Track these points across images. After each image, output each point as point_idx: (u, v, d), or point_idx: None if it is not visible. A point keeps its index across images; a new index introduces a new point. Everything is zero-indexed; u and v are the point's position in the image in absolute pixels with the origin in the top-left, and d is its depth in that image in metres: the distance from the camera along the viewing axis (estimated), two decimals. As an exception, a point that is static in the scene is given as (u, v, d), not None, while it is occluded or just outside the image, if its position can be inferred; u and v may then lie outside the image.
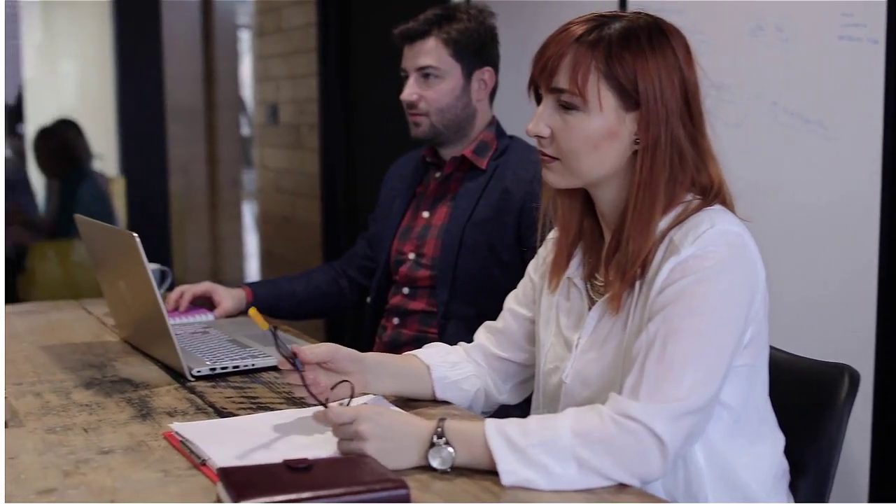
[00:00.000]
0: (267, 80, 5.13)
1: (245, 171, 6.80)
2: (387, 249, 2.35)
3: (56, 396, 1.75)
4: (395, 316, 2.31)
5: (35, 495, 1.30)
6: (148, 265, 1.77)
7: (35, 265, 5.14)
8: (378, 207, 2.48)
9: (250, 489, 1.21)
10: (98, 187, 5.28)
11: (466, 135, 2.28)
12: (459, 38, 2.21)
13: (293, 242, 4.90)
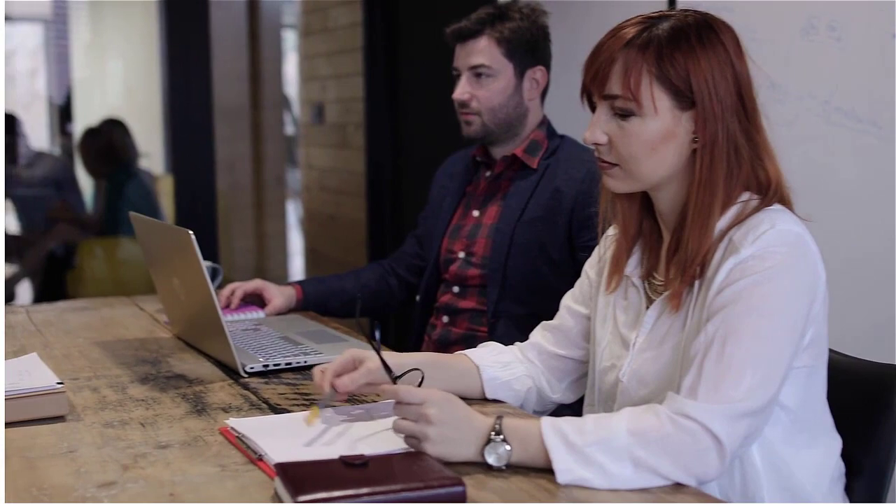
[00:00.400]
0: (312, 80, 5.16)
1: (289, 170, 6.84)
2: (436, 248, 2.35)
3: (112, 391, 1.77)
4: (445, 314, 2.31)
5: (95, 488, 1.32)
6: (203, 262, 1.79)
7: (83, 262, 5.20)
8: (427, 206, 2.49)
9: (308, 484, 1.22)
10: (145, 185, 5.34)
11: (517, 134, 2.28)
12: (512, 37, 2.21)
13: (338, 241, 4.93)
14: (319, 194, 5.15)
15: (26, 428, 1.56)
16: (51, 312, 2.49)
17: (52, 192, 5.55)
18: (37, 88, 12.11)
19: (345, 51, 4.71)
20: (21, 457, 1.44)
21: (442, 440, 1.35)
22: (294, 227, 7.61)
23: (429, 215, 2.46)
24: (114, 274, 5.28)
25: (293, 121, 7.84)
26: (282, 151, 6.42)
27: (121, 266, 5.30)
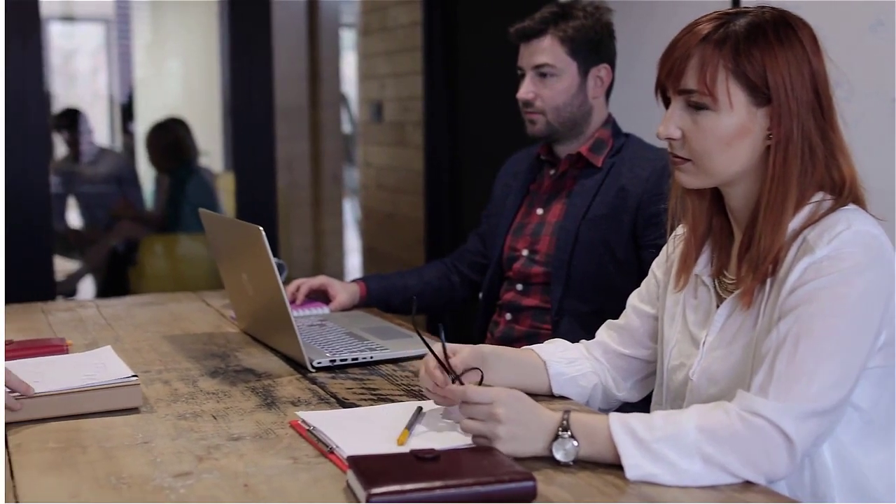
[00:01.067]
0: (371, 79, 5.19)
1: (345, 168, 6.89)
2: (500, 246, 2.36)
3: (183, 384, 1.81)
4: (508, 312, 2.32)
5: (172, 478, 1.35)
6: (273, 258, 1.82)
7: (144, 258, 5.28)
8: (491, 204, 2.50)
9: (381, 478, 1.23)
10: (206, 183, 5.41)
11: (582, 132, 2.28)
12: (576, 36, 2.22)
13: (396, 239, 4.95)
14: (377, 192, 5.18)
15: (102, 419, 1.59)
16: (119, 307, 2.53)
17: (115, 189, 5.64)
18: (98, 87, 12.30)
19: (404, 50, 4.73)
20: (99, 447, 1.47)
21: (511, 438, 1.36)
22: (350, 225, 7.66)
23: (492, 213, 2.47)
24: (175, 270, 5.36)
25: (350, 119, 7.89)
26: (339, 150, 6.47)
27: (182, 262, 5.37)
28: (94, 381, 1.62)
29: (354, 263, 7.60)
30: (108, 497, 1.29)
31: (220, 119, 6.62)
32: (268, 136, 4.13)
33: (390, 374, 1.88)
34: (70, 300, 2.73)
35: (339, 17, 6.41)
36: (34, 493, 1.30)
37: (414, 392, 1.76)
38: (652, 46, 1.51)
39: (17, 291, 3.59)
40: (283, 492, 1.30)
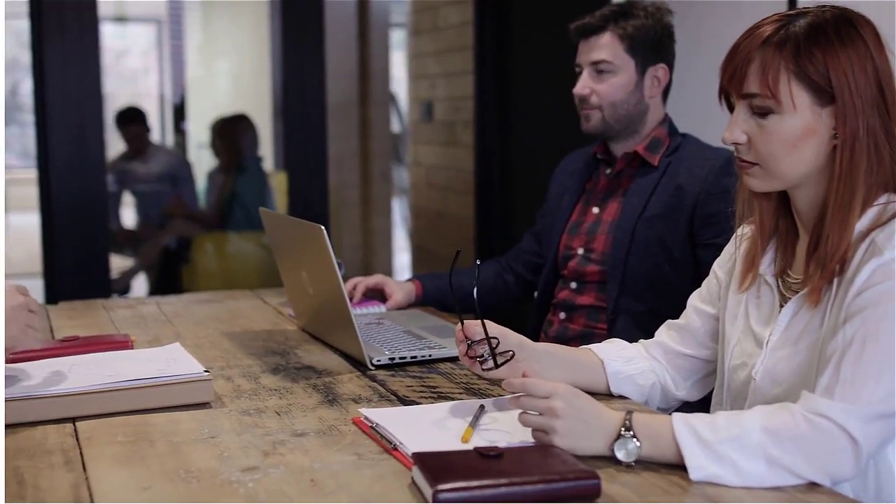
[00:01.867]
0: (422, 78, 5.21)
1: (393, 167, 6.92)
2: (555, 244, 2.37)
3: (246, 381, 1.83)
4: (562, 310, 2.33)
5: (240, 472, 1.37)
6: (334, 257, 1.84)
7: (198, 256, 5.34)
8: (546, 203, 2.51)
9: (447, 474, 1.25)
10: (260, 182, 5.46)
11: (637, 131, 2.28)
12: (635, 34, 2.22)
13: (445, 238, 4.97)
14: (427, 191, 5.20)
15: (168, 414, 1.62)
16: (178, 304, 2.57)
17: (169, 188, 5.71)
18: (149, 87, 12.45)
19: (454, 49, 4.75)
20: (167, 441, 1.50)
21: (569, 433, 1.37)
22: (398, 223, 7.69)
23: (547, 212, 2.48)
24: (228, 268, 5.41)
25: (399, 118, 7.92)
26: (388, 149, 6.50)
27: (235, 260, 5.42)
28: (166, 376, 1.65)
29: (402, 262, 7.64)
30: (178, 490, 1.31)
31: (270, 118, 6.68)
32: (320, 135, 4.17)
33: (449, 373, 1.89)
34: (129, 297, 2.77)
35: (388, 17, 6.45)
36: (106, 485, 1.33)
37: (474, 390, 1.77)
38: (710, 49, 1.51)
39: (74, 289, 3.66)
40: (348, 487, 1.32)
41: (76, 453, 1.46)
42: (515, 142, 4.30)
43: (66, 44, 3.65)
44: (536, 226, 2.54)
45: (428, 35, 5.10)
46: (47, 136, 3.67)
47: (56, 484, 1.34)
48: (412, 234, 5.54)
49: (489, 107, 4.42)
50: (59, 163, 3.69)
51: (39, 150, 3.79)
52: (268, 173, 5.84)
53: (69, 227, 3.73)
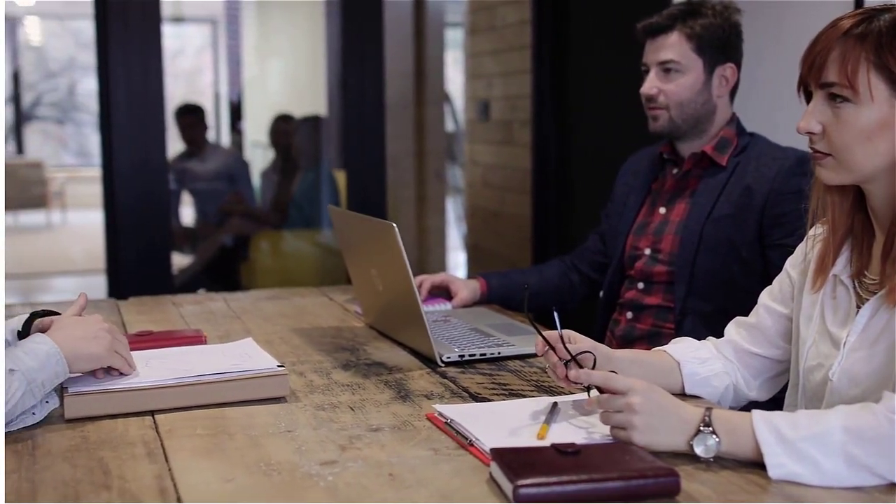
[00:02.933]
0: (478, 77, 5.22)
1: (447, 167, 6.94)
2: (621, 245, 2.37)
3: (318, 376, 1.86)
4: (629, 310, 2.33)
5: (319, 466, 1.39)
6: (405, 255, 1.85)
7: (256, 254, 5.40)
8: (611, 203, 2.51)
9: (527, 470, 1.26)
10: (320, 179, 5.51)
11: (705, 131, 2.27)
12: (703, 34, 2.21)
13: (501, 237, 4.98)
14: (483, 190, 5.21)
15: (244, 408, 1.65)
16: (246, 300, 2.60)
17: (226, 185, 5.78)
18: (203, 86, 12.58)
19: (512, 48, 4.75)
20: (245, 434, 1.53)
21: (648, 429, 1.38)
22: (451, 222, 7.71)
23: (612, 212, 2.48)
24: (285, 266, 5.46)
25: (453, 118, 7.94)
26: (442, 148, 6.52)
27: (292, 258, 5.47)
28: (243, 371, 1.68)
29: (456, 261, 7.66)
30: (260, 483, 1.34)
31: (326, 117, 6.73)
32: (379, 134, 4.19)
33: (518, 370, 1.90)
34: (197, 294, 2.81)
35: (443, 16, 6.47)
36: (189, 476, 1.36)
37: (544, 388, 1.78)
38: (778, 49, 1.51)
39: (137, 286, 3.72)
40: (427, 482, 1.33)
41: (157, 445, 1.48)
42: (574, 141, 4.29)
43: (129, 45, 3.71)
44: (601, 225, 2.54)
45: (485, 34, 5.11)
46: (111, 136, 3.73)
47: (140, 475, 1.37)
48: (468, 233, 5.55)
49: (547, 106, 4.42)
50: (122, 162, 3.75)
51: (104, 149, 3.85)
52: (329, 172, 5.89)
53: (132, 224, 3.79)
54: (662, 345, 1.85)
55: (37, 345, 1.54)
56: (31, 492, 1.31)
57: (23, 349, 1.53)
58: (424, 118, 6.27)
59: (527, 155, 4.59)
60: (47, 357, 1.54)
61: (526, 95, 4.57)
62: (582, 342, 1.61)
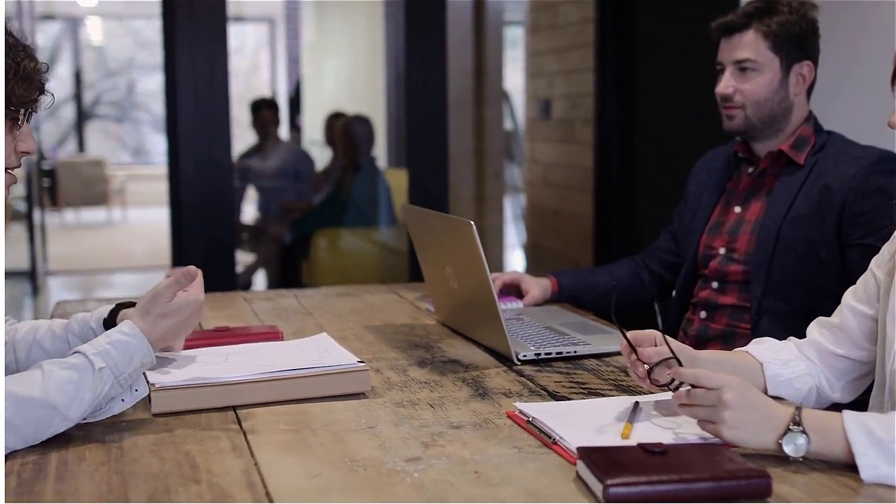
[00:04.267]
0: (539, 76, 5.21)
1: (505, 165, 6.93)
2: (695, 244, 2.35)
3: (394, 373, 1.86)
4: (703, 310, 2.31)
5: (403, 462, 1.39)
6: (482, 253, 1.85)
7: (317, 251, 5.43)
8: (684, 202, 2.48)
9: (616, 470, 1.25)
10: (377, 178, 5.53)
11: (781, 129, 2.24)
12: (780, 31, 2.18)
13: (561, 235, 4.96)
14: (543, 189, 5.19)
15: (324, 404, 1.66)
16: (316, 297, 2.62)
17: (291, 182, 5.82)
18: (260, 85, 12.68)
19: (574, 46, 4.73)
20: (327, 430, 1.54)
21: (738, 425, 1.36)
22: (509, 221, 7.70)
23: (685, 211, 2.46)
24: (345, 263, 5.49)
25: (511, 116, 7.92)
26: (501, 147, 6.51)
27: (352, 256, 5.50)
28: (324, 366, 1.69)
29: (513, 259, 7.64)
30: (346, 478, 1.34)
31: (384, 116, 6.76)
32: (441, 133, 4.20)
33: (595, 369, 1.89)
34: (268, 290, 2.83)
35: (503, 15, 6.46)
36: (276, 471, 1.37)
37: (623, 387, 1.77)
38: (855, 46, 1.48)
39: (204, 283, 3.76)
40: (513, 480, 1.33)
41: (241, 440, 1.50)
42: (638, 139, 4.27)
43: (195, 44, 3.75)
44: (674, 224, 2.51)
45: (546, 33, 5.09)
46: (177, 135, 3.77)
47: (227, 469, 1.38)
48: (528, 232, 5.54)
49: (610, 104, 4.39)
50: (188, 160, 3.79)
51: (170, 147, 3.90)
52: (381, 170, 5.91)
53: (197, 222, 3.83)
54: (737, 345, 1.84)
55: (126, 337, 1.55)
56: (122, 484, 1.33)
57: (110, 341, 1.54)
58: (483, 117, 6.26)
59: (589, 153, 4.57)
60: (136, 351, 1.55)
61: (588, 94, 4.55)
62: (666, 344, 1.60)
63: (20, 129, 1.55)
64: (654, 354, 1.57)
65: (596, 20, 4.43)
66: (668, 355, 1.55)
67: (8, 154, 1.54)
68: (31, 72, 1.53)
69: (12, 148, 1.55)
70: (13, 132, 1.54)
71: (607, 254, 4.43)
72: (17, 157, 1.57)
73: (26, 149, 1.57)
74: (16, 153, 1.56)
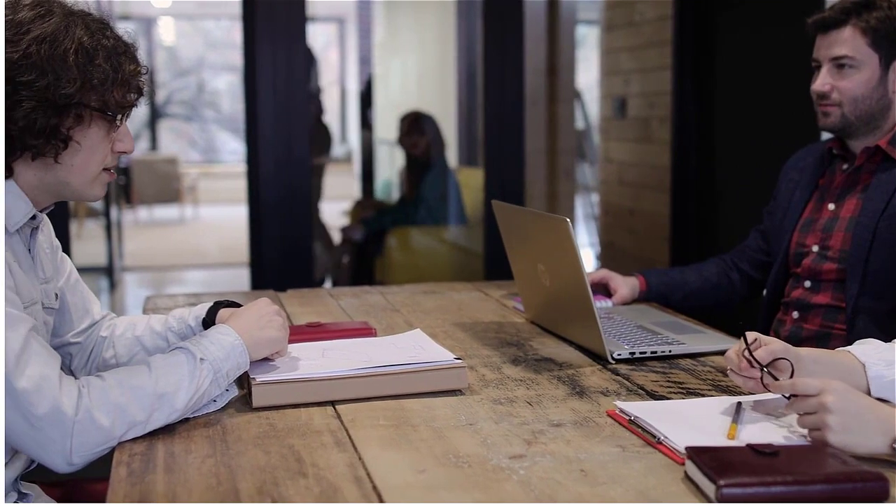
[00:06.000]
0: (614, 74, 5.17)
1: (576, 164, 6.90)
2: (786, 242, 2.31)
3: (489, 371, 1.86)
4: (795, 310, 2.27)
5: (508, 459, 1.39)
6: (579, 250, 1.84)
7: (390, 250, 5.45)
8: (774, 200, 2.45)
9: (728, 470, 1.23)
10: (447, 176, 5.54)
11: (878, 126, 2.20)
12: (879, 27, 2.14)
13: (636, 235, 4.92)
14: (618, 188, 5.16)
15: (421, 400, 1.66)
16: (402, 294, 2.62)
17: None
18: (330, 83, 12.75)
19: (651, 45, 4.69)
20: (427, 426, 1.54)
21: (844, 429, 1.34)
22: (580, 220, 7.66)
23: (775, 209, 2.42)
24: (419, 261, 5.51)
25: (583, 115, 7.88)
26: (573, 145, 6.48)
27: (426, 254, 5.51)
28: (422, 363, 1.69)
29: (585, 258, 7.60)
30: (452, 474, 1.34)
31: (454, 114, 6.76)
32: (518, 131, 4.20)
33: (691, 369, 1.87)
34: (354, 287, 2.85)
35: (575, 13, 6.43)
36: (381, 466, 1.37)
37: (722, 387, 1.75)
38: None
39: (278, 279, 3.80)
40: (621, 479, 1.32)
41: (343, 435, 1.51)
42: (717, 138, 4.22)
43: (275, 44, 3.79)
44: (763, 223, 2.48)
45: (622, 31, 5.06)
46: (257, 134, 3.81)
47: (332, 463, 1.39)
48: (601, 231, 5.51)
49: (688, 103, 4.36)
50: (266, 159, 3.83)
51: (248, 146, 3.94)
52: (452, 169, 5.92)
53: (275, 220, 3.87)
54: (831, 346, 1.80)
55: (222, 335, 1.58)
56: (230, 476, 1.34)
57: (209, 339, 1.57)
58: (556, 115, 6.24)
59: (665, 152, 4.53)
60: (232, 348, 1.58)
61: (665, 92, 4.51)
62: (771, 344, 1.58)
63: (118, 129, 1.58)
64: (766, 355, 1.55)
65: (674, 18, 4.39)
66: (779, 355, 1.53)
67: (106, 154, 1.57)
68: (130, 76, 1.54)
69: (110, 148, 1.57)
70: (110, 134, 1.56)
71: (684, 254, 4.39)
72: (115, 156, 1.60)
73: (124, 149, 1.60)
74: (113, 153, 1.59)
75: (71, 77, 1.46)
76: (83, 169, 1.55)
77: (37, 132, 1.46)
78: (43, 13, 1.48)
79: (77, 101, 1.48)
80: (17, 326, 1.41)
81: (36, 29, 1.46)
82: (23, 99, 1.44)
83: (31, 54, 1.44)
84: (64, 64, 1.46)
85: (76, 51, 1.47)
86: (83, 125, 1.51)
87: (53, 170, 1.53)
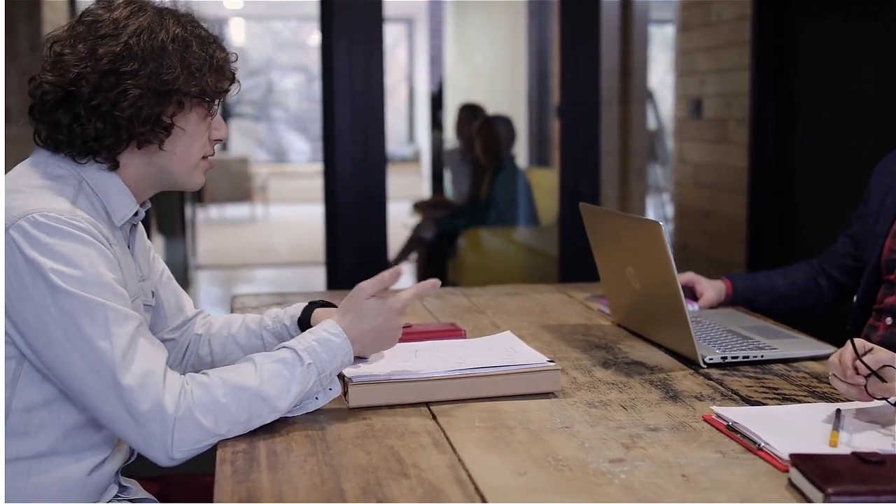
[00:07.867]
0: (690, 75, 5.13)
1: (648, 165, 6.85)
2: (878, 248, 2.28)
3: (580, 373, 1.86)
4: (888, 316, 2.23)
5: (608, 463, 1.39)
6: (671, 254, 1.83)
7: (463, 251, 5.47)
8: (864, 205, 2.41)
9: (835, 478, 1.22)
10: (519, 178, 5.54)
11: (975, 129, 2.16)
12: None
13: (712, 237, 4.88)
14: (693, 189, 5.11)
15: (515, 402, 1.67)
16: (485, 296, 2.63)
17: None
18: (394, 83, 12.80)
19: (728, 45, 4.65)
20: (523, 428, 1.55)
21: None
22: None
23: (865, 214, 2.38)
24: (491, 263, 5.51)
25: (656, 116, 7.83)
26: (645, 146, 6.44)
27: (498, 256, 5.52)
28: (516, 365, 1.70)
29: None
30: (553, 477, 1.35)
31: (525, 114, 6.76)
32: (593, 132, 4.19)
33: (785, 375, 1.86)
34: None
35: (648, 14, 6.40)
36: (481, 467, 1.38)
37: (818, 393, 1.73)
38: None
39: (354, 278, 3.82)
40: (724, 485, 1.32)
41: (441, 436, 1.52)
42: (796, 140, 4.17)
43: (353, 46, 3.82)
44: (853, 228, 2.44)
45: (698, 31, 5.02)
46: (334, 134, 3.84)
47: (433, 464, 1.40)
48: (676, 233, 5.47)
49: (767, 104, 4.30)
50: (343, 159, 3.87)
51: (325, 146, 3.97)
52: (522, 170, 5.92)
53: (351, 220, 3.90)
54: (926, 353, 1.77)
55: (330, 336, 1.59)
56: (333, 476, 1.36)
57: (316, 338, 1.58)
58: (629, 116, 6.21)
59: (743, 154, 4.48)
60: (339, 350, 1.59)
61: (743, 93, 4.47)
62: (877, 353, 1.56)
63: (213, 117, 1.62)
64: (872, 363, 1.53)
65: (752, 18, 4.34)
66: (885, 363, 1.51)
67: (203, 143, 1.62)
68: (222, 62, 1.61)
69: (207, 137, 1.62)
70: (206, 121, 1.61)
71: (761, 257, 4.34)
72: (212, 144, 1.64)
73: (220, 136, 1.65)
74: (210, 141, 1.64)
75: (171, 65, 1.53)
76: (185, 156, 1.60)
77: (143, 120, 1.53)
78: (136, 10, 1.56)
79: (177, 88, 1.54)
80: (124, 323, 1.45)
81: (133, 23, 1.54)
82: (128, 88, 1.51)
83: (132, 45, 1.52)
84: (164, 53, 1.53)
85: (173, 40, 1.54)
86: (184, 111, 1.57)
87: (158, 157, 1.58)
